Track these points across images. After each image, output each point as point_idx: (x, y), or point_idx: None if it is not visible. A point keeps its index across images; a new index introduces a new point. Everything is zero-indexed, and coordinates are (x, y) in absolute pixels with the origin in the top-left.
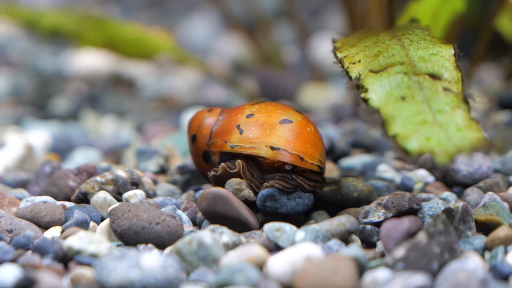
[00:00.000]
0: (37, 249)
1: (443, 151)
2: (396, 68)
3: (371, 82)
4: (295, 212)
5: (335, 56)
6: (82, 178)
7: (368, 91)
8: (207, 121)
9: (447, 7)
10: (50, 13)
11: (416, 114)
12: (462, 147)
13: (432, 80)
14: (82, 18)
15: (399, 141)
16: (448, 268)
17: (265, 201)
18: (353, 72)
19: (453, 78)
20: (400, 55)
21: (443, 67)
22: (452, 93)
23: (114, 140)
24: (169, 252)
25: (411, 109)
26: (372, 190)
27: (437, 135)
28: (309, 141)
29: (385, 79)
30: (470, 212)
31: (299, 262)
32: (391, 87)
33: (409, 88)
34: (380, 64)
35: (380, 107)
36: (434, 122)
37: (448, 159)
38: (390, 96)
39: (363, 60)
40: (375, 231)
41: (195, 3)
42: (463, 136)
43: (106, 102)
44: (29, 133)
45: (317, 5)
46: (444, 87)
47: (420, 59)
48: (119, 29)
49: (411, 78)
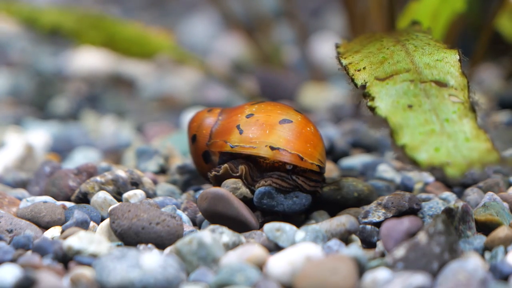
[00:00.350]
0: (37, 249)
1: (453, 164)
2: (402, 76)
3: (377, 91)
4: (292, 211)
5: (339, 62)
6: (82, 178)
7: (374, 100)
8: (207, 121)
9: (447, 7)
10: (49, 11)
11: (423, 124)
12: (471, 158)
13: (438, 88)
14: (82, 16)
15: (408, 152)
16: (448, 268)
17: (262, 198)
18: (358, 80)
19: (459, 85)
20: (406, 61)
21: (449, 74)
22: (458, 100)
23: (114, 140)
24: (169, 252)
25: (418, 118)
26: (372, 190)
27: (446, 146)
28: (309, 141)
29: (392, 87)
30: (470, 212)
31: (299, 262)
32: (397, 95)
33: (415, 96)
34: (386, 71)
35: (388, 116)
36: (442, 132)
37: (459, 173)
38: (397, 105)
39: (368, 67)
40: (375, 231)
41: (195, 3)
42: (472, 147)
43: (106, 102)
44: (29, 133)
45: (317, 5)
46: (451, 94)
47: (426, 65)
48: (119, 28)
49: (418, 86)
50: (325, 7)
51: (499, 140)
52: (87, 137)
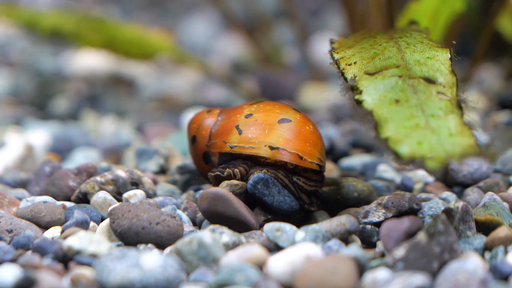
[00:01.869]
0: (37, 249)
1: (434, 157)
2: (392, 71)
3: (366, 84)
4: (279, 208)
5: (332, 57)
6: (82, 178)
7: (362, 93)
8: (206, 122)
9: (447, 7)
10: (49, 14)
11: (409, 118)
12: (453, 153)
13: (426, 84)
14: (82, 18)
15: (391, 144)
16: (448, 268)
17: (257, 183)
18: (348, 74)
19: (448, 82)
20: (396, 58)
21: (438, 71)
22: (446, 98)
23: (114, 140)
24: (169, 252)
25: (404, 112)
26: (372, 190)
27: (429, 140)
28: (308, 140)
29: (380, 82)
30: (470, 212)
31: (299, 262)
32: (385, 90)
33: (403, 91)
34: (376, 66)
35: (374, 109)
36: (426, 126)
37: (439, 165)
38: (384, 99)
39: (359, 62)
40: (375, 231)
41: (195, 3)
42: (455, 142)
43: (106, 102)
44: (29, 133)
45: (317, 5)
46: (438, 91)
47: (416, 62)
48: (119, 29)
49: (406, 81)
50: (325, 7)
51: (499, 140)
52: (87, 137)
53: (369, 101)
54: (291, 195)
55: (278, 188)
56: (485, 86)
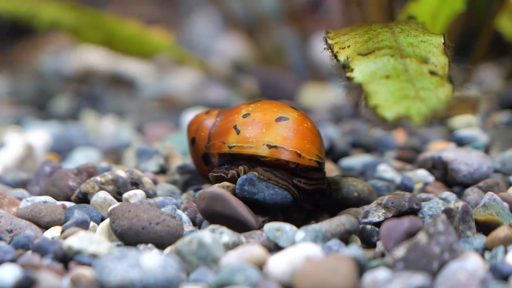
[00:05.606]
0: (37, 249)
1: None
2: (384, 51)
3: (358, 63)
4: (273, 201)
5: (326, 42)
6: (82, 178)
7: (353, 71)
8: (205, 123)
9: (447, 7)
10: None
11: (398, 90)
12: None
13: (418, 63)
14: (81, 14)
15: (379, 110)
16: (448, 268)
17: (243, 185)
18: (341, 56)
19: (440, 62)
20: (389, 40)
21: (431, 53)
22: (437, 75)
23: (114, 140)
24: (169, 252)
25: (394, 85)
26: (372, 190)
27: (417, 106)
28: (306, 137)
29: (372, 61)
30: (470, 212)
31: (299, 262)
32: (376, 67)
33: (394, 68)
34: (369, 48)
35: (363, 82)
36: (416, 96)
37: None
38: (374, 75)
39: (353, 45)
40: (375, 231)
41: (196, 3)
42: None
43: (106, 102)
44: (29, 133)
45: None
46: (430, 70)
47: (409, 44)
48: (118, 26)
49: (398, 60)
50: None
51: (499, 140)
52: (87, 137)
53: (360, 77)
54: (281, 187)
55: (266, 183)
56: (485, 86)
